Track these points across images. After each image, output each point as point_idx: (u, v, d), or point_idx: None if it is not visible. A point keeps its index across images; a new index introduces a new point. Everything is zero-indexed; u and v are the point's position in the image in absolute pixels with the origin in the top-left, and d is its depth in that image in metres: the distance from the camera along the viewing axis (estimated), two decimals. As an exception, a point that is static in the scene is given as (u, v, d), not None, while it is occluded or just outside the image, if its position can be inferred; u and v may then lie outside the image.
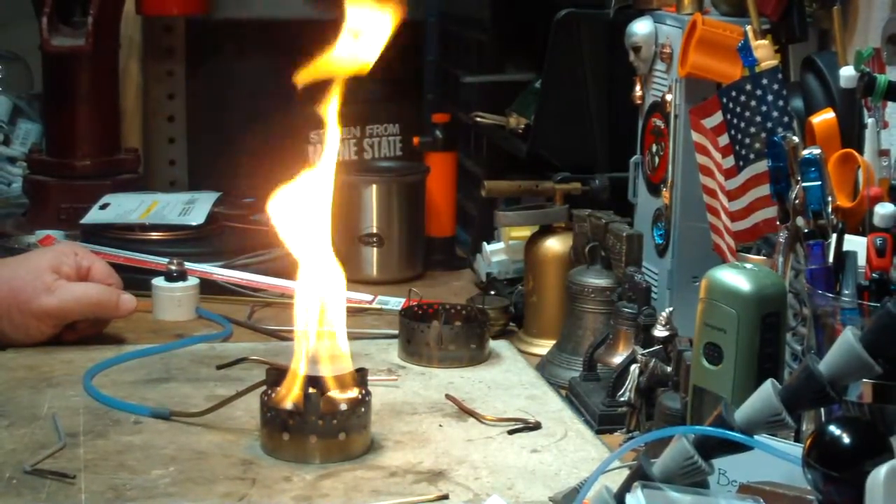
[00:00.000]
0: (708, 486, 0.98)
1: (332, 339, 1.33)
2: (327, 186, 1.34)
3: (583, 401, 1.47)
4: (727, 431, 0.95)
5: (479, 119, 2.02)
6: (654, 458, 0.98)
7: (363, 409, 1.31)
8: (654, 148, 1.64)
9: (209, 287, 1.84)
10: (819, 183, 1.20)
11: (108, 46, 2.18)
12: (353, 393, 1.32)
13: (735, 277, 1.16)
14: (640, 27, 1.64)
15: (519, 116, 1.93)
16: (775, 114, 1.38)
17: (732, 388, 1.15)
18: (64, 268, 1.60)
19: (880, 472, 0.87)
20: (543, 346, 1.66)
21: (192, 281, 1.79)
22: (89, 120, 2.18)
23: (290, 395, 1.30)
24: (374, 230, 1.98)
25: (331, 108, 1.34)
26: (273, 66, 2.31)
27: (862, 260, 1.15)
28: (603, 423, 1.41)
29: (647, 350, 1.37)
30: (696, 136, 1.52)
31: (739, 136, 1.42)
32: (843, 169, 1.30)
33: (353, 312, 1.37)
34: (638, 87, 1.67)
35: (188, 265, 1.80)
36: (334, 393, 1.31)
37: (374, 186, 1.99)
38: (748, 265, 1.19)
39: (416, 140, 2.14)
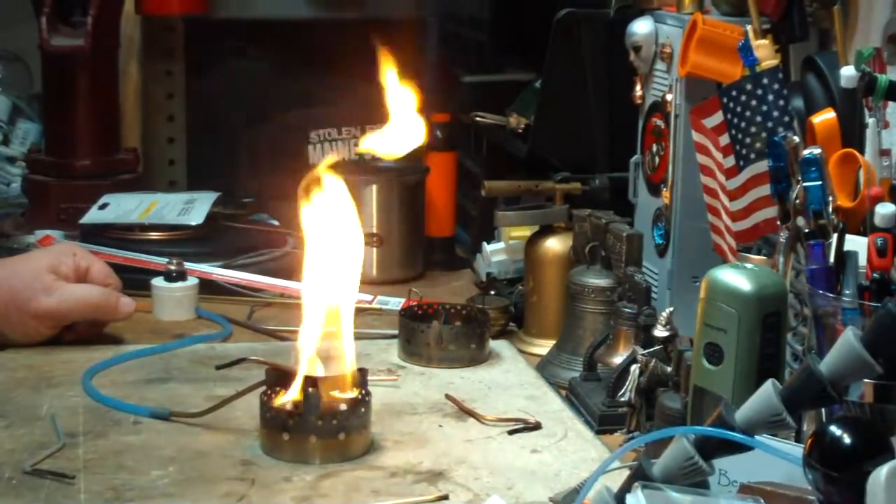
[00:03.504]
0: (708, 487, 0.98)
1: (335, 340, 1.33)
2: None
3: (583, 401, 1.47)
4: (728, 432, 0.95)
5: (479, 119, 2.02)
6: (654, 458, 0.98)
7: (363, 410, 1.31)
8: (655, 148, 1.64)
9: (209, 287, 1.84)
10: (820, 183, 1.20)
11: (107, 46, 2.18)
12: (353, 393, 1.32)
13: (735, 277, 1.16)
14: (641, 27, 1.64)
15: (519, 116, 1.92)
16: (776, 113, 1.38)
17: (733, 389, 1.15)
18: (63, 268, 1.60)
19: (881, 473, 0.87)
20: (543, 346, 1.66)
21: (192, 281, 1.79)
22: (89, 120, 2.17)
23: (289, 395, 1.30)
24: (374, 230, 1.98)
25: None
26: (273, 66, 2.32)
27: (863, 260, 1.15)
28: (603, 424, 1.41)
29: (648, 350, 1.37)
30: (696, 136, 1.51)
31: (740, 136, 1.41)
32: (844, 169, 1.30)
33: (354, 312, 1.37)
34: (638, 87, 1.67)
35: (188, 265, 1.80)
36: (334, 393, 1.31)
37: (374, 186, 1.99)
38: (749, 265, 1.19)
39: (416, 140, 2.13)
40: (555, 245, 1.70)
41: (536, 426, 1.38)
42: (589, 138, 1.80)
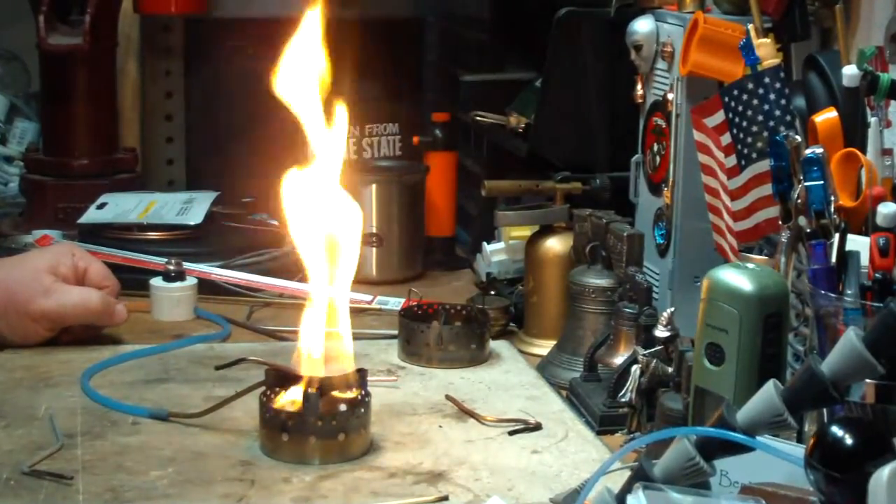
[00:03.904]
0: (709, 487, 0.98)
1: (335, 340, 1.32)
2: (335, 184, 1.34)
3: (583, 401, 1.46)
4: (729, 432, 0.95)
5: (479, 118, 2.01)
6: (655, 459, 0.97)
7: (363, 410, 1.30)
8: (656, 147, 1.63)
9: (208, 287, 1.83)
10: (821, 182, 1.19)
11: (105, 45, 2.18)
12: (353, 393, 1.31)
13: (737, 277, 1.16)
14: (642, 25, 1.63)
15: (519, 116, 1.92)
16: (777, 113, 1.37)
17: (734, 389, 1.15)
18: (61, 269, 1.59)
19: (883, 473, 0.87)
20: (544, 347, 1.66)
21: (191, 281, 1.79)
22: (87, 119, 2.17)
23: (289, 395, 1.30)
24: (374, 230, 1.97)
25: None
26: (272, 65, 2.31)
27: (864, 260, 1.15)
28: (604, 424, 1.41)
29: (649, 350, 1.37)
30: (697, 136, 1.51)
31: (741, 136, 1.41)
32: (846, 168, 1.30)
33: (353, 312, 1.37)
34: (639, 86, 1.67)
35: (186, 265, 1.80)
36: (334, 393, 1.30)
37: (374, 186, 1.98)
38: (750, 265, 1.19)
39: (415, 139, 2.13)
40: (555, 245, 1.70)
41: (537, 427, 1.38)
42: (589, 138, 1.80)
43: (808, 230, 1.19)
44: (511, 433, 1.37)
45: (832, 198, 1.19)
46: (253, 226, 2.10)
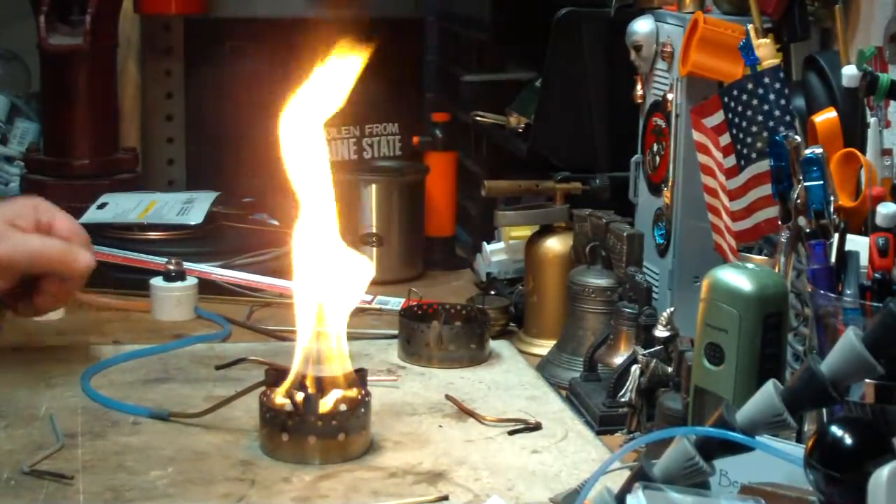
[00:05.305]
0: (709, 487, 0.98)
1: (332, 340, 1.32)
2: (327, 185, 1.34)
3: (583, 401, 1.46)
4: (728, 432, 0.95)
5: (479, 118, 2.01)
6: (655, 458, 0.98)
7: (363, 410, 1.31)
8: (655, 147, 1.64)
9: (208, 287, 1.83)
10: (821, 182, 1.19)
11: (106, 45, 2.18)
12: (353, 393, 1.31)
13: (736, 277, 1.16)
14: (641, 26, 1.63)
15: (519, 115, 1.92)
16: (777, 113, 1.37)
17: (734, 389, 1.15)
18: (19, 221, 1.45)
19: (882, 473, 0.87)
20: (544, 347, 1.66)
21: (191, 281, 1.79)
22: (87, 119, 2.17)
23: (289, 395, 1.30)
24: (374, 230, 1.98)
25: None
26: (272, 66, 2.32)
27: (864, 260, 1.15)
28: (603, 424, 1.41)
29: (648, 350, 1.37)
30: (697, 136, 1.51)
31: (741, 136, 1.41)
32: (846, 168, 1.30)
33: (353, 312, 1.37)
34: (639, 86, 1.67)
35: (187, 265, 1.80)
36: (334, 393, 1.30)
37: (374, 186, 1.98)
38: (750, 265, 1.19)
39: (415, 140, 2.13)
40: (555, 245, 1.70)
41: (537, 427, 1.38)
42: (589, 138, 1.80)
43: (808, 230, 1.19)
44: (511, 433, 1.37)
45: (832, 198, 1.19)
46: (253, 226, 2.10)
